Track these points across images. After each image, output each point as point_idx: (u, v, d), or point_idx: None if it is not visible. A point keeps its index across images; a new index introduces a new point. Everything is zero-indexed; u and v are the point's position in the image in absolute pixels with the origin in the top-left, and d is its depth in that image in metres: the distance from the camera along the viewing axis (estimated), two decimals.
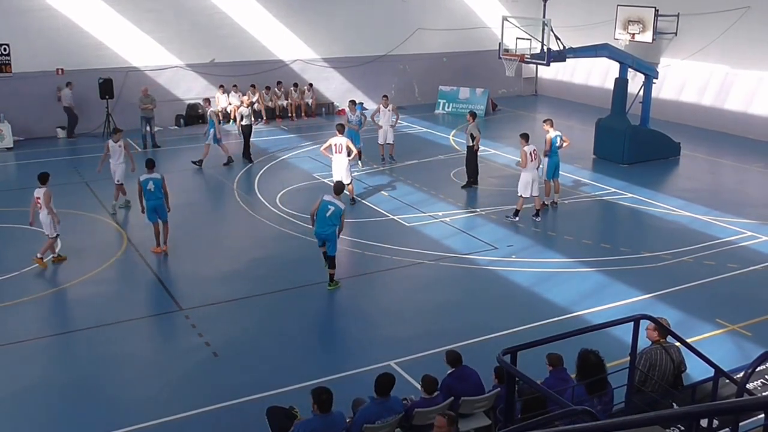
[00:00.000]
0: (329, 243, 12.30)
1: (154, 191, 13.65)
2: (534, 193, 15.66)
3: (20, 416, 9.05)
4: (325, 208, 12.16)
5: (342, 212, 12.19)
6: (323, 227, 12.19)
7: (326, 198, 12.35)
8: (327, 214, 12.12)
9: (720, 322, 11.22)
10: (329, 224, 12.15)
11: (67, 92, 23.10)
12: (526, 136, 15.60)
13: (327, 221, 12.14)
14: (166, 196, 13.81)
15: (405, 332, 11.11)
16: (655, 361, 7.53)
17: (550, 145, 16.39)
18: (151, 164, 13.97)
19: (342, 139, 16.43)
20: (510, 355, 6.31)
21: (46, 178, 13.38)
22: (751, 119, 23.91)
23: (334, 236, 12.27)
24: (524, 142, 15.51)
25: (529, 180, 15.52)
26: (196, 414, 8.97)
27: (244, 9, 25.78)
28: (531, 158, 15.42)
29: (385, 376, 7.61)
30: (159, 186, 13.69)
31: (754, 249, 14.35)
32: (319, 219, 12.21)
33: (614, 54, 20.84)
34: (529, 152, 15.38)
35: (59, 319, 11.47)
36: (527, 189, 15.55)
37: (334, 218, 12.12)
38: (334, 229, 12.21)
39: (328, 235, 12.21)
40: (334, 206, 12.16)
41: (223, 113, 25.58)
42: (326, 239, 12.28)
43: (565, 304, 11.91)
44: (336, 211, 12.12)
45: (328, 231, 12.19)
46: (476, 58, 29.37)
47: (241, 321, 11.62)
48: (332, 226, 12.15)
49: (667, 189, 18.68)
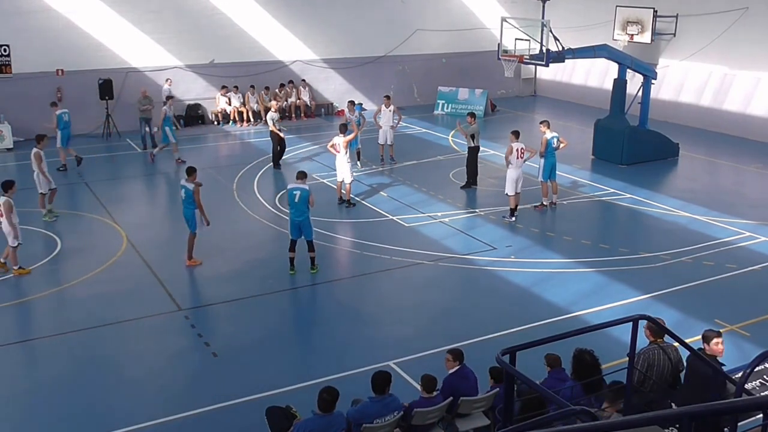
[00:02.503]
0: (305, 229, 12.82)
1: (186, 200, 13.18)
2: (517, 190, 15.82)
3: (20, 416, 9.07)
4: (292, 195, 12.70)
5: (308, 193, 12.66)
6: (297, 214, 12.73)
7: (290, 186, 12.94)
8: (295, 200, 12.62)
9: (719, 323, 11.23)
10: (301, 210, 12.64)
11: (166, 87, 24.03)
12: (517, 133, 15.95)
13: (298, 207, 12.64)
14: (200, 208, 13.14)
15: (404, 332, 11.14)
16: (653, 361, 7.55)
17: (545, 146, 16.41)
18: (191, 171, 13.37)
19: (339, 138, 16.62)
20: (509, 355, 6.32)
21: (9, 186, 12.83)
22: (750, 120, 23.94)
23: (308, 221, 12.83)
24: (513, 138, 15.85)
25: (514, 177, 15.68)
26: (196, 414, 8.99)
27: (243, 10, 25.79)
28: (517, 155, 15.57)
29: (381, 373, 7.68)
30: (189, 195, 13.11)
31: (752, 249, 14.38)
32: (291, 208, 12.80)
33: (613, 55, 20.86)
34: (516, 148, 15.62)
35: (59, 319, 11.48)
36: (512, 187, 15.70)
37: (302, 203, 12.60)
38: (308, 214, 12.77)
39: (302, 221, 12.73)
40: (300, 190, 12.67)
41: (222, 114, 25.65)
42: (301, 225, 12.75)
43: (563, 304, 11.94)
44: (303, 194, 12.62)
45: (301, 217, 12.70)
46: (475, 58, 29.41)
47: (241, 321, 11.64)
48: (305, 211, 12.66)
49: (666, 189, 18.71)
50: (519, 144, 15.71)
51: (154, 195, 18.89)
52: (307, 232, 12.88)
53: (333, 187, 17.79)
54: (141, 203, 17.68)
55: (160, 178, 20.44)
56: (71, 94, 23.42)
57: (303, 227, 12.81)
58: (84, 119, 23.48)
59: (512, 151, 15.66)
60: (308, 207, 12.68)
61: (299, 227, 12.80)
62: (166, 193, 19.27)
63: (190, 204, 13.15)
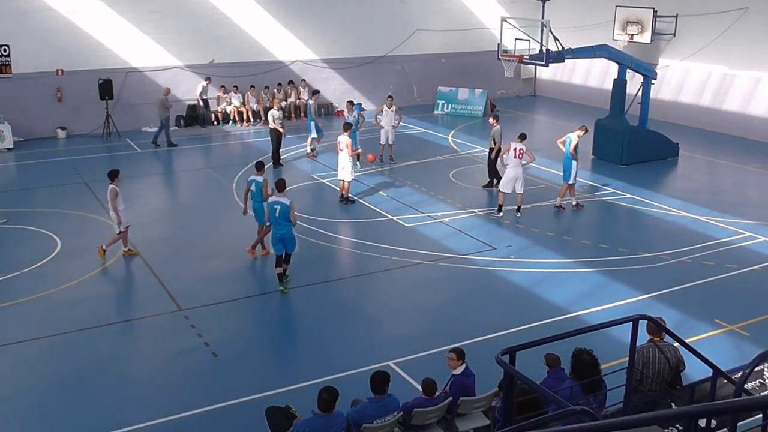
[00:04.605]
0: (288, 242, 12.34)
1: (256, 194, 13.48)
2: (518, 190, 15.83)
3: (20, 416, 9.07)
4: (272, 209, 12.23)
5: (289, 208, 12.14)
6: (278, 228, 12.27)
7: (271, 200, 12.42)
8: (276, 214, 12.19)
9: (718, 323, 11.26)
10: (282, 224, 12.21)
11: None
12: (523, 136, 16.00)
13: (279, 221, 12.21)
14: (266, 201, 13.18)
15: (404, 332, 11.14)
16: (648, 358, 7.56)
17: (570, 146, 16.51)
18: (261, 166, 13.85)
19: (343, 137, 16.75)
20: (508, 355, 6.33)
21: (115, 175, 13.35)
22: (750, 120, 23.96)
23: (291, 234, 12.32)
24: (518, 139, 15.93)
25: (512, 177, 15.72)
26: (196, 414, 8.99)
27: (243, 10, 25.80)
28: (515, 155, 15.69)
29: (380, 374, 7.68)
30: (260, 189, 13.44)
31: (752, 249, 14.39)
32: (273, 222, 12.38)
33: (613, 55, 20.87)
34: (514, 148, 15.70)
35: (59, 319, 11.47)
36: (509, 186, 15.74)
37: (282, 217, 12.16)
38: (290, 227, 12.26)
39: (284, 234, 12.26)
40: (280, 204, 12.18)
41: (222, 114, 25.63)
42: (284, 238, 12.29)
43: (563, 304, 11.95)
44: (283, 209, 12.14)
45: (283, 230, 12.25)
46: (475, 58, 29.42)
47: (241, 321, 11.64)
48: (286, 225, 12.21)
49: (666, 189, 18.72)
50: (520, 145, 15.74)
51: (154, 195, 18.86)
52: (290, 246, 12.36)
53: (333, 187, 17.82)
54: (141, 203, 17.65)
55: (160, 178, 20.46)
56: (71, 94, 23.46)
57: (286, 241, 12.30)
58: (84, 119, 23.54)
59: (509, 149, 15.76)
60: (288, 222, 12.16)
61: (282, 241, 12.29)
62: (167, 193, 19.29)
63: (261, 197, 13.35)
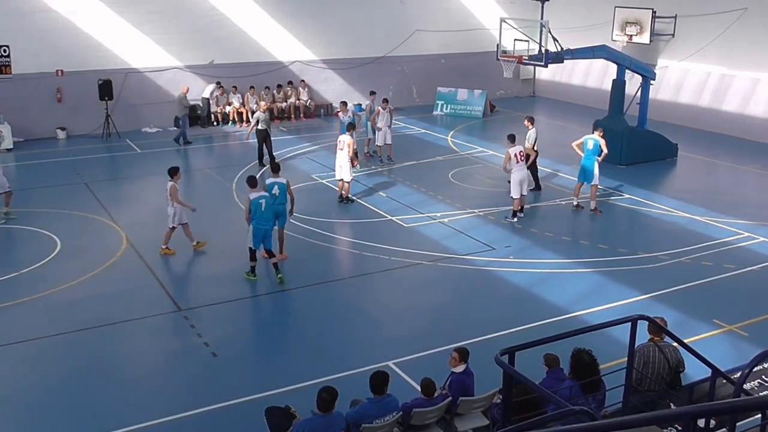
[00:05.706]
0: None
1: (280, 195, 13.46)
2: (523, 192, 15.83)
3: (20, 416, 9.08)
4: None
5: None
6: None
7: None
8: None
9: (717, 323, 11.28)
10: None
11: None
12: (513, 137, 15.92)
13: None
14: (292, 201, 13.64)
15: (403, 332, 11.16)
16: (648, 358, 7.58)
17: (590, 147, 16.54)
18: (277, 168, 14.00)
19: (344, 137, 16.86)
20: (508, 355, 6.35)
21: (175, 172, 13.78)
22: (748, 120, 23.98)
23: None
24: (509, 143, 15.82)
25: (518, 180, 15.67)
26: (196, 414, 9.01)
27: (243, 10, 25.80)
28: (517, 159, 15.55)
29: (379, 374, 7.70)
30: (285, 190, 13.50)
31: (751, 249, 14.41)
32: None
33: (612, 55, 20.89)
34: (513, 154, 15.56)
35: (59, 319, 11.48)
36: (517, 190, 15.70)
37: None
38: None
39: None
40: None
41: (222, 114, 25.63)
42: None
43: (562, 304, 11.96)
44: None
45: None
46: (474, 59, 29.43)
47: (241, 321, 11.66)
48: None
49: (665, 190, 18.74)
50: (516, 148, 15.68)
51: (154, 195, 18.84)
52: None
53: (332, 187, 17.83)
54: (141, 203, 17.66)
55: (160, 178, 20.41)
56: (71, 95, 23.46)
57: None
58: (84, 120, 23.53)
59: (510, 157, 15.56)
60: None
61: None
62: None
63: (284, 199, 13.54)
